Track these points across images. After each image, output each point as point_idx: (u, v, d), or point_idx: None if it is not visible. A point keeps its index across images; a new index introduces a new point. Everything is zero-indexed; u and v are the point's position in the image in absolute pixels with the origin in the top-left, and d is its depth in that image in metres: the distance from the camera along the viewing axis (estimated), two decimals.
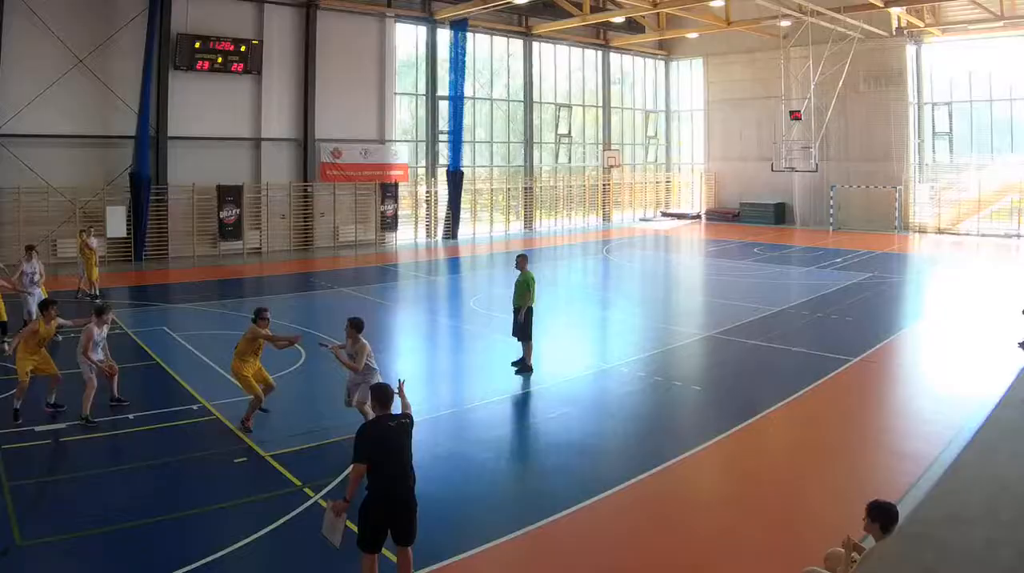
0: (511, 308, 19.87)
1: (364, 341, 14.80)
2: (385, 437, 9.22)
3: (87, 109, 37.21)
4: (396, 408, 9.85)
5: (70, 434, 15.14)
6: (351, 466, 9.29)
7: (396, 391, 10.05)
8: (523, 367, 19.48)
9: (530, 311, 19.39)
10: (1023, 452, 8.78)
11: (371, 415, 11.27)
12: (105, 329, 16.75)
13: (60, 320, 16.77)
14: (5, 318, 21.45)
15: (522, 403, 17.76)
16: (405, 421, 9.59)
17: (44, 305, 16.72)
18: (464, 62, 49.53)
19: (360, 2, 45.81)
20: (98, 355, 16.43)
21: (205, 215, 40.78)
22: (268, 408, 15.91)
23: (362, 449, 9.08)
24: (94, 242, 30.07)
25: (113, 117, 37.73)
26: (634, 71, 63.82)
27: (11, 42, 34.86)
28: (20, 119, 35.07)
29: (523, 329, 19.39)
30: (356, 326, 14.93)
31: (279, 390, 16.07)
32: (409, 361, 22.15)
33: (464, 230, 51.34)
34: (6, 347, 20.04)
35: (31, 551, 10.70)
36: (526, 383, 18.87)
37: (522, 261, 19.81)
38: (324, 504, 11.00)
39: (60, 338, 19.90)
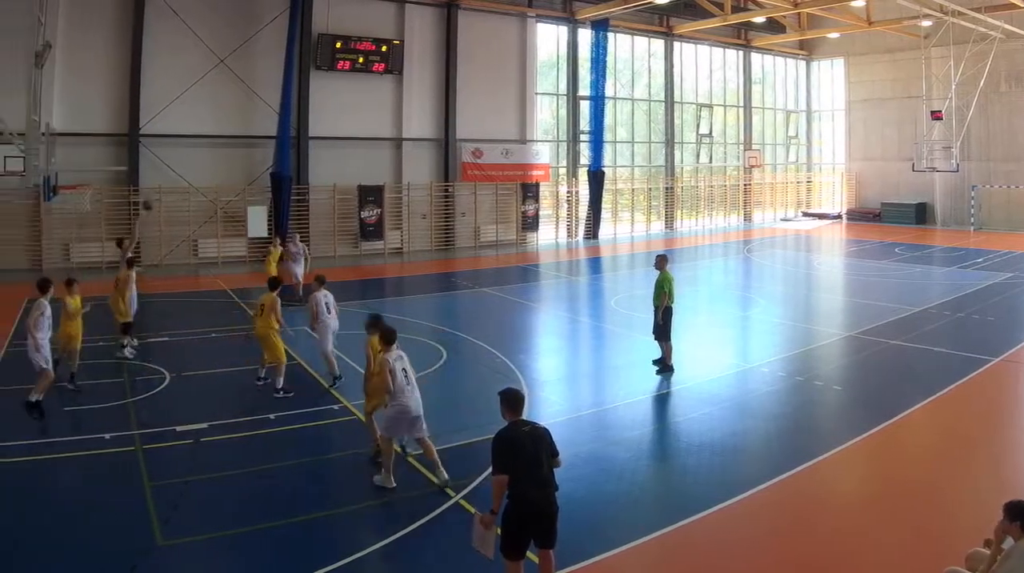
0: (652, 308, 18.41)
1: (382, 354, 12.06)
2: (519, 445, 8.32)
3: (228, 109, 34.57)
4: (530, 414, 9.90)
5: (210, 434, 14.03)
6: (492, 476, 8.43)
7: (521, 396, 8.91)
8: (663, 367, 18.13)
9: (668, 311, 18.06)
10: None
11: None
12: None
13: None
14: (131, 319, 19.70)
15: (663, 403, 16.65)
16: (541, 428, 8.65)
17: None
18: (605, 62, 45.22)
19: (501, 2, 42.13)
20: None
21: (346, 215, 37.75)
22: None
23: (499, 459, 8.29)
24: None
25: (254, 117, 34.99)
26: (775, 71, 58.71)
27: (153, 43, 32.45)
28: (161, 119, 32.61)
29: (661, 329, 18.09)
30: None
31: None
32: (551, 361, 20.85)
33: (605, 230, 47.33)
34: (127, 352, 19.22)
35: (172, 551, 10.00)
36: (667, 383, 17.59)
37: (661, 261, 18.50)
38: (473, 511, 10.11)
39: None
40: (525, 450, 8.30)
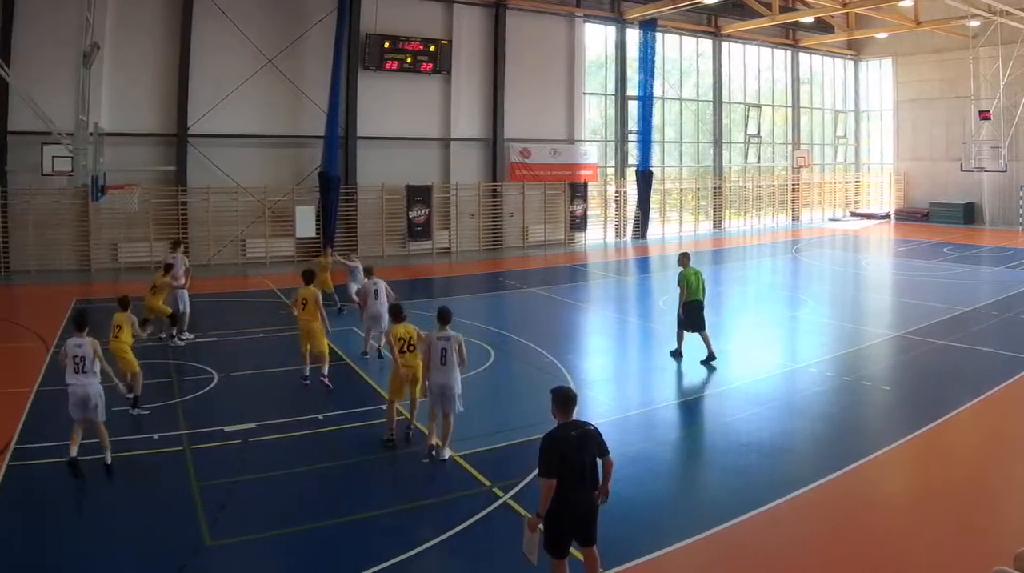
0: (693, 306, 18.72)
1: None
2: (568, 449, 7.84)
3: (276, 109, 33.40)
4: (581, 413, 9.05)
5: (258, 434, 13.57)
6: (540, 479, 7.89)
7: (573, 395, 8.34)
8: (707, 358, 18.08)
9: (691, 305, 18.27)
10: None
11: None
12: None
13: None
14: (170, 310, 19.44)
15: (711, 403, 16.00)
16: (590, 429, 8.07)
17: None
18: (653, 62, 43.33)
19: (549, 2, 40.39)
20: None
21: (394, 215, 36.40)
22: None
23: (547, 464, 7.79)
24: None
25: (302, 117, 33.78)
26: (823, 71, 56.38)
27: (201, 43, 31.37)
28: (209, 119, 31.55)
29: (683, 322, 18.44)
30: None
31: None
32: (599, 360, 20.14)
33: (653, 230, 45.46)
34: (178, 340, 19.52)
35: (220, 551, 9.65)
36: (715, 383, 17.10)
37: (683, 258, 18.87)
38: (524, 513, 9.72)
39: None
40: (571, 453, 7.89)
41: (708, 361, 17.95)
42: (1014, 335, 20.98)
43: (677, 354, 18.48)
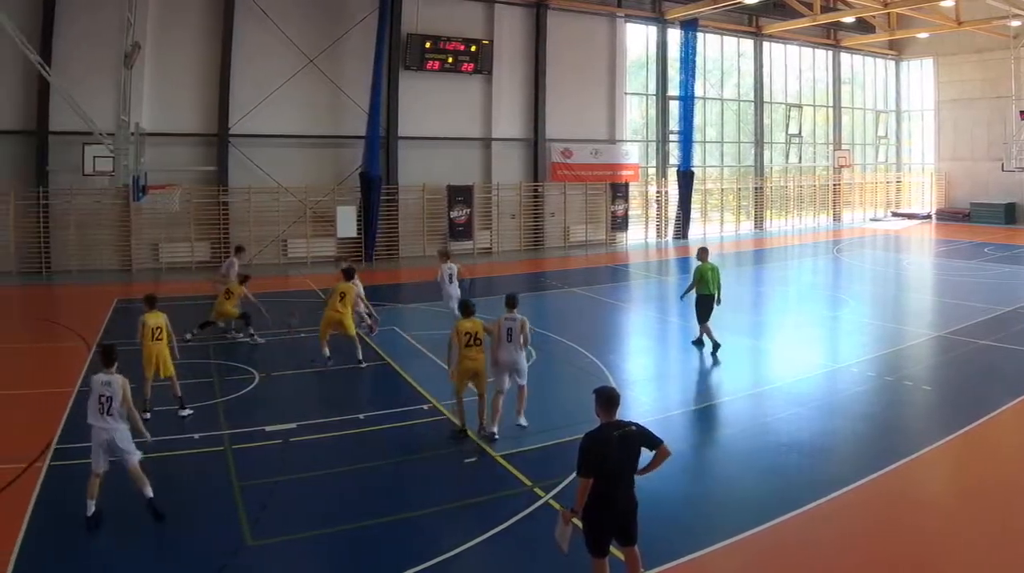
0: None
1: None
2: (609, 449, 7.66)
3: (317, 109, 32.62)
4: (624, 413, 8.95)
5: (299, 434, 13.33)
6: (577, 477, 7.74)
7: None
8: (698, 343, 18.83)
9: (703, 298, 18.51)
10: None
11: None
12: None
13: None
14: (239, 312, 19.89)
15: (751, 403, 15.56)
16: (633, 430, 7.85)
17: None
18: (694, 62, 42.07)
19: (591, 2, 39.31)
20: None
21: (435, 215, 35.48)
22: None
23: (585, 463, 7.64)
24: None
25: (343, 117, 32.95)
26: (864, 71, 54.79)
27: (242, 43, 30.75)
28: (250, 119, 30.85)
29: (697, 314, 18.58)
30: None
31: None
32: (641, 360, 19.72)
33: (695, 230, 44.44)
34: (257, 338, 19.79)
35: (261, 551, 9.48)
36: (755, 383, 16.92)
37: (701, 253, 19.12)
38: (558, 507, 9.65)
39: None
40: (611, 454, 7.71)
41: (713, 351, 18.31)
42: None
43: (700, 342, 18.68)
